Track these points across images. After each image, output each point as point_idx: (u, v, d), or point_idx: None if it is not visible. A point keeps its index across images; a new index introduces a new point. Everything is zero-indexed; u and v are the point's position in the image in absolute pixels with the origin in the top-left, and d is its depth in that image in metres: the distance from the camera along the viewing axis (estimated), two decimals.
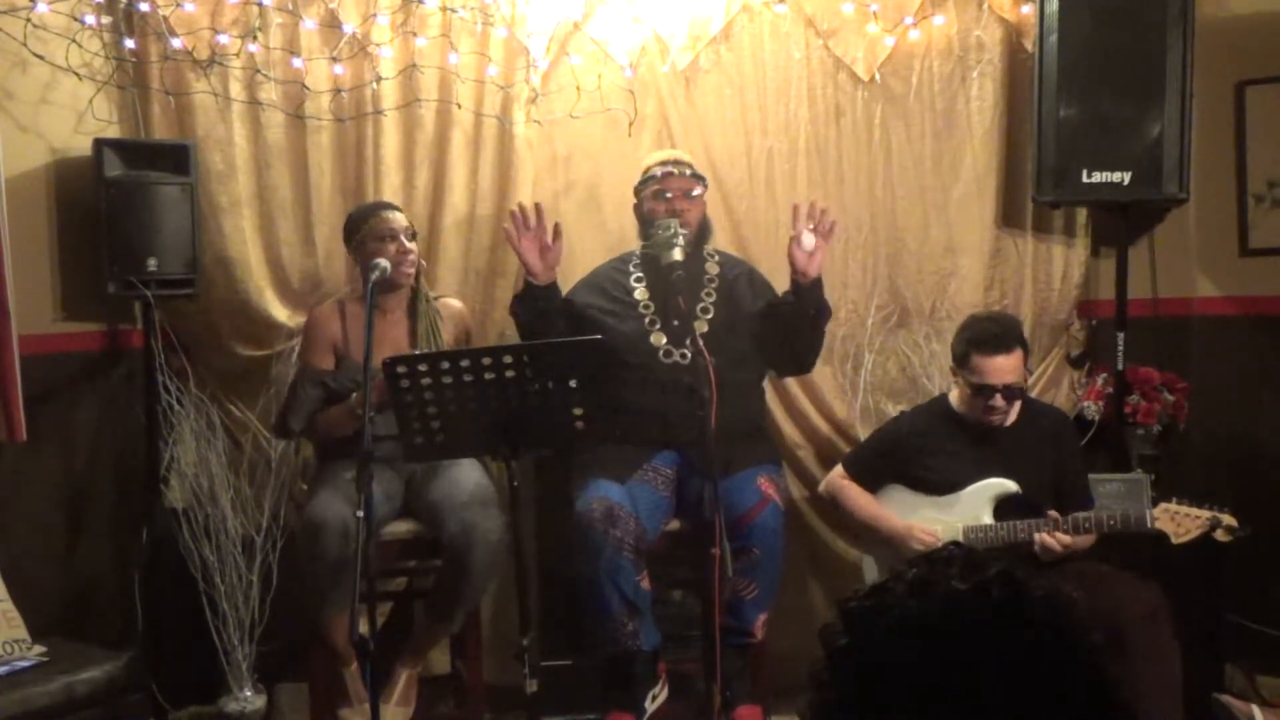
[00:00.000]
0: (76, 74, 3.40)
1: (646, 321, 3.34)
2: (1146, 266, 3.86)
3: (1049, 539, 2.98)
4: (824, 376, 3.78)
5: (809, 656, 1.04)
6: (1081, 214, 3.82)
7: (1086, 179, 3.50)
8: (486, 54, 3.63)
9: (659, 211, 3.30)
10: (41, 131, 3.44)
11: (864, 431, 3.67)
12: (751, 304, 3.41)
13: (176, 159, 3.44)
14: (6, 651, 3.01)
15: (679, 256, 3.14)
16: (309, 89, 3.57)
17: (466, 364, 2.58)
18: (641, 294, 3.38)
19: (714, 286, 3.39)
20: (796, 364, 3.50)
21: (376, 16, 3.56)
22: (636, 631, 3.10)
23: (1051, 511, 3.02)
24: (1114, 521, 2.99)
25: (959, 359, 3.15)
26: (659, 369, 3.28)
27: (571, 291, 3.44)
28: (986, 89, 3.76)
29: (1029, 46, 3.65)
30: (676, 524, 3.29)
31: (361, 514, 2.57)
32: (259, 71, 3.55)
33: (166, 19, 3.46)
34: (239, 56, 3.52)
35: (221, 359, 3.65)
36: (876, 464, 3.31)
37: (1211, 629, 3.53)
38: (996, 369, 3.06)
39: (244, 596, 3.49)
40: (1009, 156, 3.80)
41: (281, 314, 3.63)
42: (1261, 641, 3.55)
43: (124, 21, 3.47)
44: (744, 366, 3.35)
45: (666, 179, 3.34)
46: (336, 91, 3.59)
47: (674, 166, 3.37)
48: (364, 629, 2.60)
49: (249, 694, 3.53)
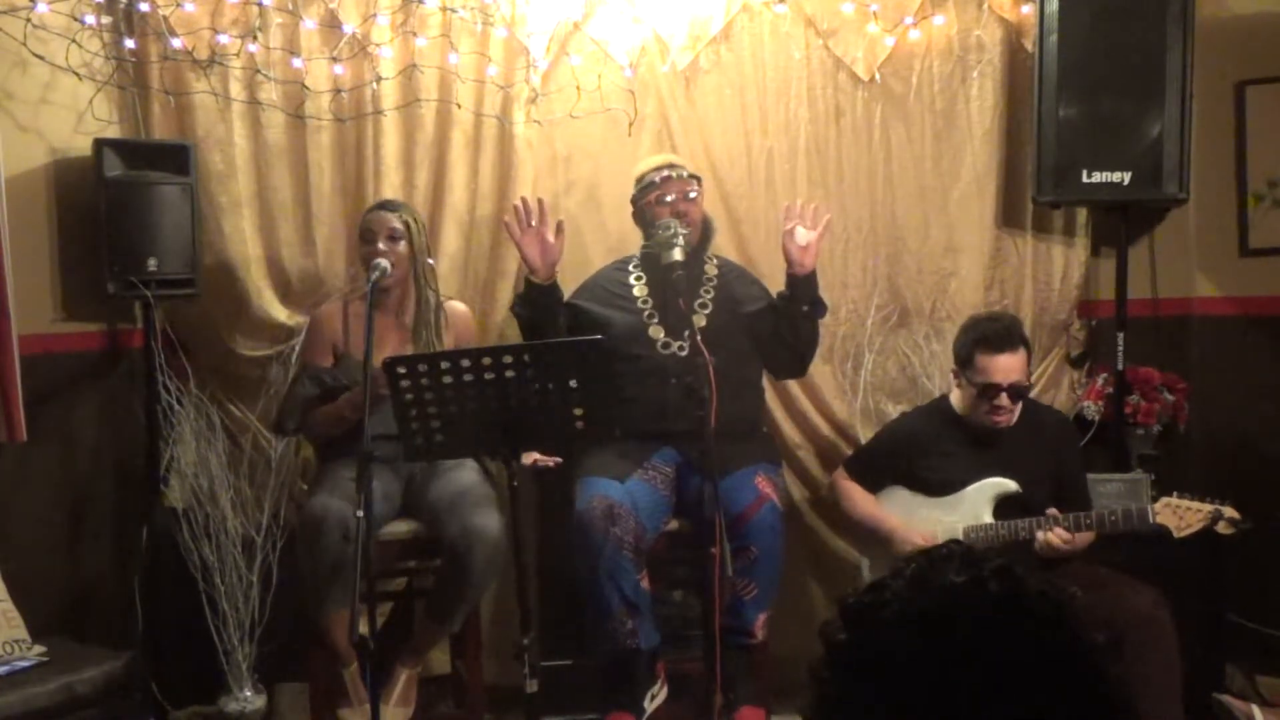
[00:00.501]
0: (76, 74, 3.40)
1: (645, 316, 3.35)
2: (1146, 266, 3.86)
3: (1051, 536, 2.98)
4: (824, 376, 3.78)
5: (809, 657, 1.04)
6: (1081, 214, 3.82)
7: (1086, 179, 3.51)
8: (486, 54, 3.63)
9: (661, 215, 3.31)
10: (41, 131, 3.44)
11: (864, 431, 3.68)
12: (748, 303, 3.41)
13: (176, 159, 3.44)
14: (6, 651, 3.01)
15: (679, 256, 3.14)
16: (309, 89, 3.57)
17: (466, 364, 2.58)
18: (640, 290, 3.39)
19: (712, 285, 3.40)
20: (793, 364, 3.48)
21: (376, 16, 3.56)
22: (636, 631, 3.10)
23: (1052, 510, 3.02)
24: (1115, 518, 2.97)
25: (963, 359, 3.14)
26: (658, 360, 3.29)
27: (571, 296, 3.44)
28: (986, 89, 3.76)
29: (1029, 46, 3.65)
30: (676, 524, 3.29)
31: (361, 514, 2.58)
32: (259, 71, 3.55)
33: (166, 19, 3.46)
34: (239, 56, 3.52)
35: (221, 359, 3.65)
36: (878, 465, 3.32)
37: (1211, 629, 3.52)
38: (1002, 367, 3.05)
39: (244, 596, 3.50)
40: (1009, 156, 3.80)
41: (281, 314, 3.63)
42: (1261, 641, 3.55)
43: (124, 21, 3.47)
44: (742, 365, 3.36)
45: (666, 184, 3.34)
46: (336, 91, 3.59)
47: (670, 170, 3.37)
48: (364, 629, 2.60)
49: (249, 694, 3.53)
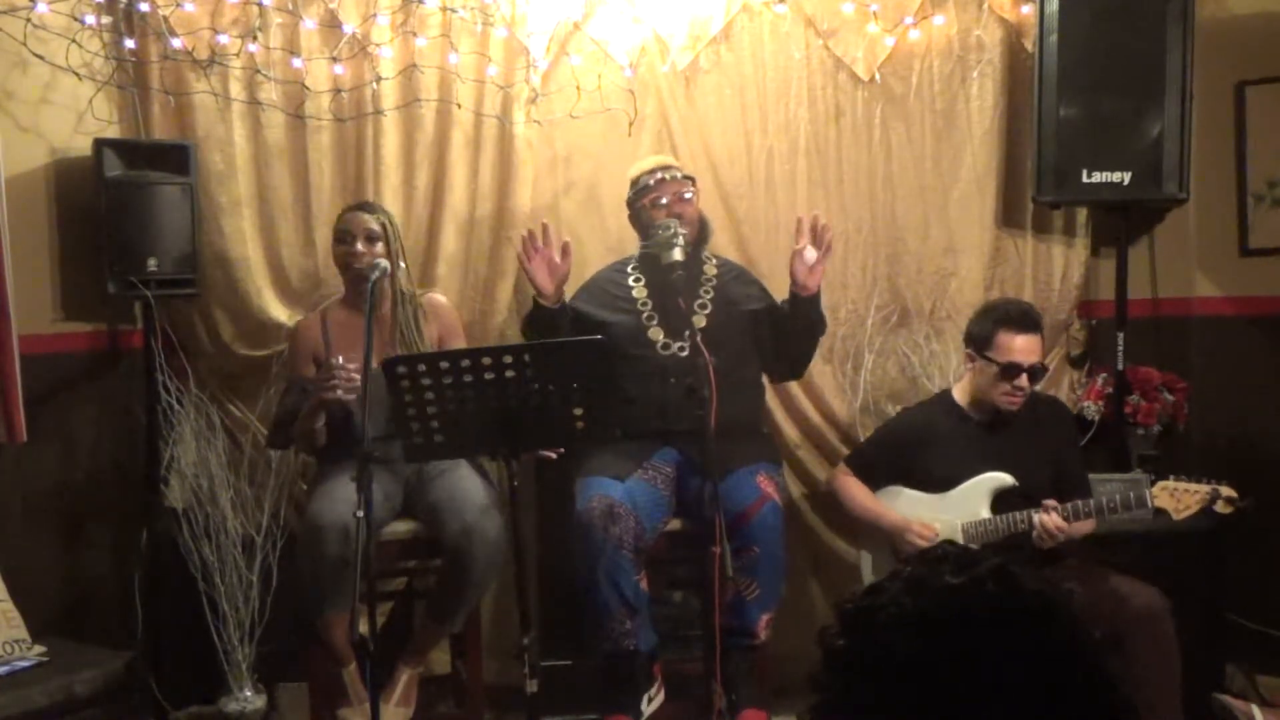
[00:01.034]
0: (76, 74, 3.40)
1: (644, 317, 3.35)
2: (1146, 266, 3.86)
3: (1046, 519, 2.98)
4: (824, 376, 3.79)
5: (808, 657, 1.04)
6: (1081, 214, 3.82)
7: (1086, 179, 3.51)
8: (486, 54, 3.63)
9: (659, 217, 3.31)
10: (41, 131, 3.44)
11: (864, 432, 3.68)
12: (747, 303, 3.41)
13: (176, 159, 3.44)
14: (6, 651, 3.01)
15: (679, 257, 3.15)
16: (309, 89, 3.57)
17: (466, 364, 2.58)
18: (639, 292, 3.38)
19: (711, 285, 3.39)
20: (787, 369, 3.53)
21: (376, 16, 3.56)
22: (634, 632, 3.09)
23: (1048, 500, 3.02)
24: (1114, 503, 2.99)
25: (981, 341, 3.14)
26: (657, 361, 3.28)
27: (570, 299, 3.44)
28: (986, 89, 3.76)
29: (1029, 46, 3.65)
30: (677, 524, 3.29)
31: (361, 514, 2.58)
32: (259, 71, 3.55)
33: (166, 19, 3.46)
34: (239, 56, 3.52)
35: (221, 359, 3.65)
36: (879, 460, 3.32)
37: (1211, 629, 3.52)
38: (1023, 347, 3.07)
39: (244, 596, 3.50)
40: (1009, 156, 3.80)
41: (281, 314, 3.63)
42: (1261, 641, 3.55)
43: (124, 21, 3.47)
44: (742, 365, 3.35)
45: (661, 185, 3.34)
46: (336, 91, 3.59)
47: (664, 172, 3.37)
48: (364, 629, 2.60)
49: (249, 694, 3.53)
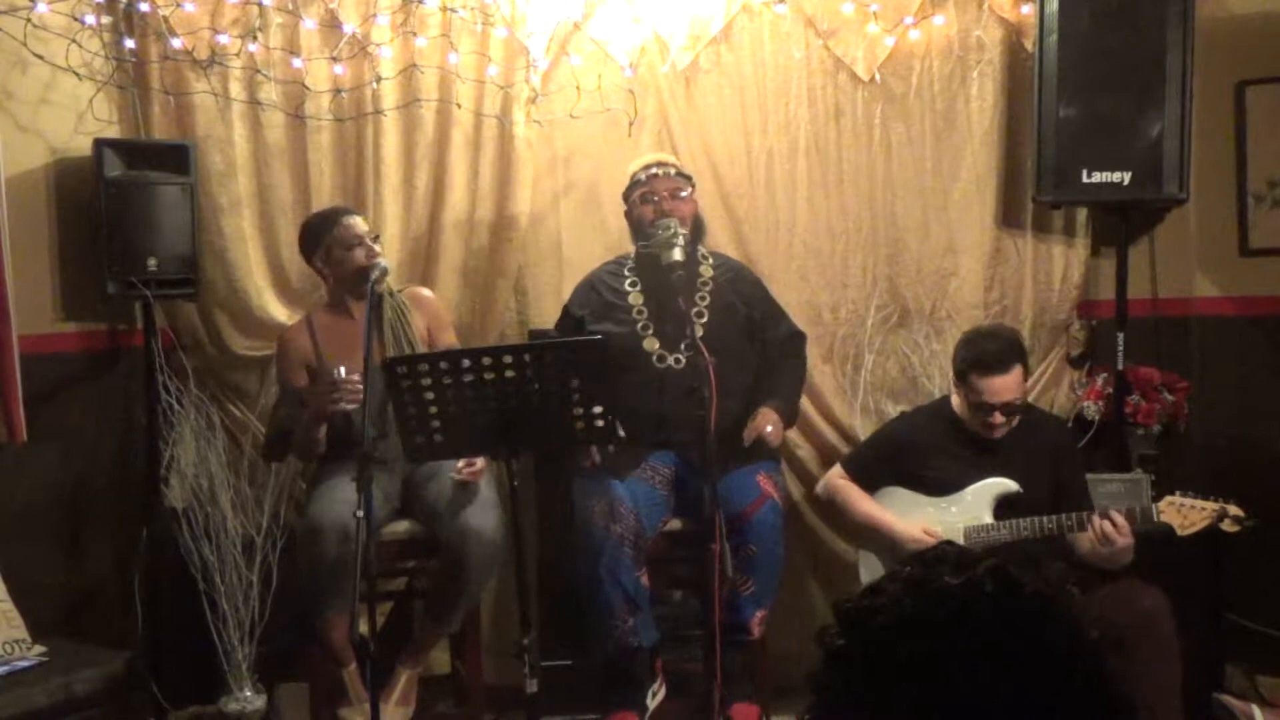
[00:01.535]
0: (76, 74, 3.40)
1: (639, 327, 3.33)
2: (1146, 266, 3.85)
3: (1105, 525, 2.90)
4: (824, 376, 3.78)
5: (807, 657, 1.04)
6: (1081, 214, 3.81)
7: (1086, 179, 3.50)
8: (486, 54, 3.63)
9: (649, 214, 3.30)
10: (41, 131, 3.44)
11: (864, 432, 3.67)
12: (746, 304, 3.41)
13: (176, 159, 3.45)
14: (6, 651, 3.01)
15: (679, 257, 3.13)
16: (309, 89, 3.57)
17: (467, 364, 2.58)
18: (635, 298, 3.37)
19: (708, 289, 3.38)
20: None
21: (376, 16, 3.56)
22: (636, 628, 3.10)
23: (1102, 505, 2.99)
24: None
25: (958, 375, 3.15)
26: (653, 374, 3.28)
27: (569, 303, 3.44)
28: (986, 89, 3.76)
29: (1029, 46, 3.65)
30: (677, 523, 3.29)
31: (361, 514, 2.58)
32: (259, 71, 3.55)
33: (166, 19, 3.47)
34: (239, 56, 3.52)
35: (221, 359, 3.66)
36: (876, 464, 3.31)
37: (1211, 629, 3.52)
38: (995, 389, 3.06)
39: (244, 596, 3.50)
40: (1009, 156, 3.80)
41: (281, 314, 3.63)
42: (1261, 641, 3.55)
43: (124, 21, 3.48)
44: (741, 366, 3.35)
45: (653, 181, 3.34)
46: (336, 91, 3.59)
47: (658, 168, 3.37)
48: (364, 629, 2.60)
49: (249, 694, 3.53)
